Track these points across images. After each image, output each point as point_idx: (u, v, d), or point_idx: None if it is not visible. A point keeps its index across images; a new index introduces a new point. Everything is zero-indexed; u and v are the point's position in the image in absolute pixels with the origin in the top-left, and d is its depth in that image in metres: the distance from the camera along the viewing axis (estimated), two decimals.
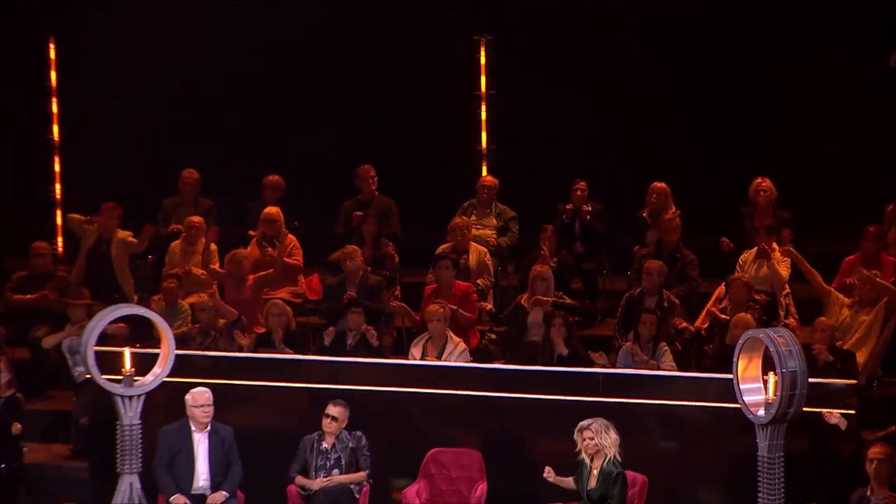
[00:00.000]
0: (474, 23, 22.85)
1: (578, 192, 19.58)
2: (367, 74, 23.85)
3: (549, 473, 15.93)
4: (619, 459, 15.64)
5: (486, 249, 19.59)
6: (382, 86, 23.59)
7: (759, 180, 19.43)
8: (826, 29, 22.37)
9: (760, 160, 20.65)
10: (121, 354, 15.84)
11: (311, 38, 23.57)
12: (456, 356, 17.85)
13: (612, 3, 22.38)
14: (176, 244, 19.47)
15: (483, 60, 22.79)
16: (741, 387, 14.52)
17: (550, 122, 21.64)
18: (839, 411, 15.30)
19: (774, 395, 14.21)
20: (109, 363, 15.84)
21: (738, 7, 22.94)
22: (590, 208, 19.15)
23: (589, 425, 15.66)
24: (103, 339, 16.64)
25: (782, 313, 17.57)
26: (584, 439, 15.62)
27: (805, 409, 14.66)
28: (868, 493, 14.89)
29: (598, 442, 15.63)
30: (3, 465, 16.36)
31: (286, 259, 20.13)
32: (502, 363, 18.66)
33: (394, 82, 23.50)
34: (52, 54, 22.96)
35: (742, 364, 14.65)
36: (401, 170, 21.37)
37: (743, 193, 19.77)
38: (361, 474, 16.37)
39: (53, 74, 22.60)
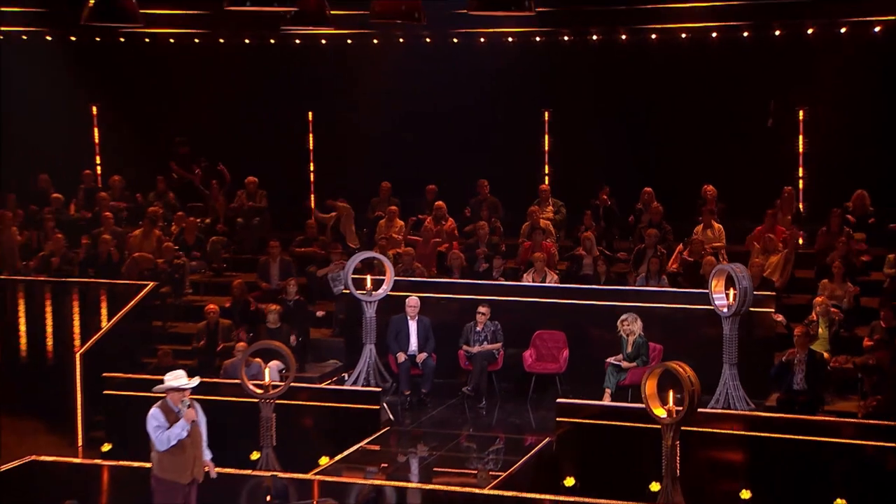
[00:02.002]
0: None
1: (604, 195, 19.10)
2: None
3: (610, 359, 15.71)
4: (643, 336, 15.59)
5: (550, 223, 19.09)
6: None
7: (707, 186, 18.79)
8: None
9: (703, 168, 19.44)
10: (364, 280, 16.33)
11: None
12: (550, 281, 17.37)
13: None
14: (382, 222, 19.21)
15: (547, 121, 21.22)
16: (714, 296, 14.77)
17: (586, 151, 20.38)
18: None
19: (734, 300, 14.49)
20: (357, 284, 16.21)
21: None
22: (609, 202, 18.97)
23: (625, 318, 15.67)
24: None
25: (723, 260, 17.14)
26: (624, 324, 15.62)
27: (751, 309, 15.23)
28: (793, 352, 14.59)
29: (630, 327, 15.61)
30: (300, 338, 16.34)
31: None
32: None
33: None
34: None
35: (713, 283, 14.84)
36: (499, 179, 20.21)
37: (697, 191, 18.98)
38: (498, 344, 16.10)
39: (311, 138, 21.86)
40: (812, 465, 13.08)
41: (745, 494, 12.74)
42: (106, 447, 15.06)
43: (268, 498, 11.51)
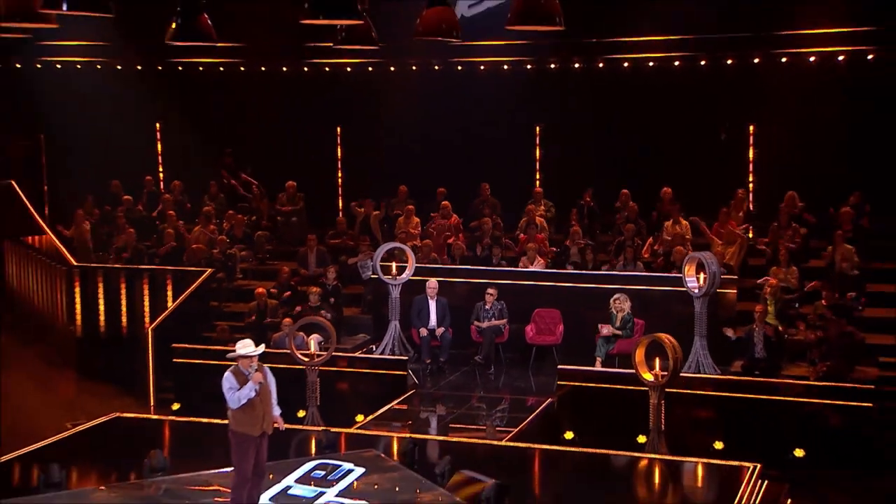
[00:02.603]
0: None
1: (588, 196, 18.80)
2: None
3: (601, 328, 15.65)
4: (630, 313, 15.58)
5: (543, 220, 18.80)
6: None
7: (665, 188, 18.71)
8: None
9: (669, 174, 19.24)
10: (390, 267, 16.48)
11: None
12: (538, 266, 17.23)
13: None
14: (401, 219, 19.14)
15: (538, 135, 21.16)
16: (686, 279, 14.75)
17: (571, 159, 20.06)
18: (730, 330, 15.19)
19: (704, 283, 14.73)
20: (384, 270, 16.35)
21: None
22: (591, 202, 18.76)
23: (618, 297, 15.67)
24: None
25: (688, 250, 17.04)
26: (616, 302, 15.60)
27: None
28: (753, 326, 14.68)
29: (622, 304, 15.61)
30: (329, 315, 15.86)
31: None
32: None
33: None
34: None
35: (686, 269, 14.79)
36: (499, 183, 19.95)
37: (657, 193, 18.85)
38: (504, 320, 16.12)
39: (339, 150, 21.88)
40: (774, 421, 13.18)
41: (718, 445, 12.79)
42: (175, 406, 15.21)
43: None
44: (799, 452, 12.73)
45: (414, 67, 20.47)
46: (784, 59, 18.53)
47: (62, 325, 18.18)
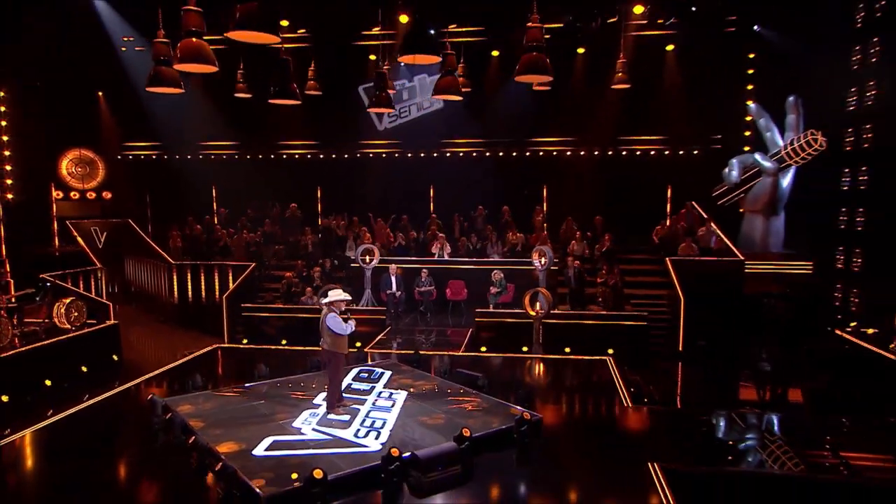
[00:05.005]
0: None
1: (479, 213, 18.31)
2: None
3: (490, 289, 15.28)
4: (503, 280, 15.40)
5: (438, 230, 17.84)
6: None
7: (504, 207, 18.25)
8: None
9: (506, 202, 18.59)
10: (365, 259, 16.14)
11: None
12: (445, 253, 16.89)
13: None
14: (367, 235, 17.86)
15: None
16: (534, 261, 14.63)
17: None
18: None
19: (544, 264, 14.57)
20: (362, 260, 16.05)
21: None
22: (483, 215, 18.36)
23: (496, 272, 15.41)
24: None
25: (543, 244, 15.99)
26: (495, 275, 15.34)
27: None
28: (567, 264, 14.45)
29: (499, 276, 15.35)
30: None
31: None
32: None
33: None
34: None
35: (534, 255, 14.73)
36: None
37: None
38: (433, 287, 16.00)
39: None
40: (591, 334, 13.42)
41: (567, 349, 13.02)
42: (244, 341, 14.63)
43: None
44: (610, 350, 12.99)
45: (410, 155, 19.58)
46: (553, 152, 18.91)
47: (165, 298, 17.85)
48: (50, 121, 18.38)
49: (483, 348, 13.17)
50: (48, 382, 11.02)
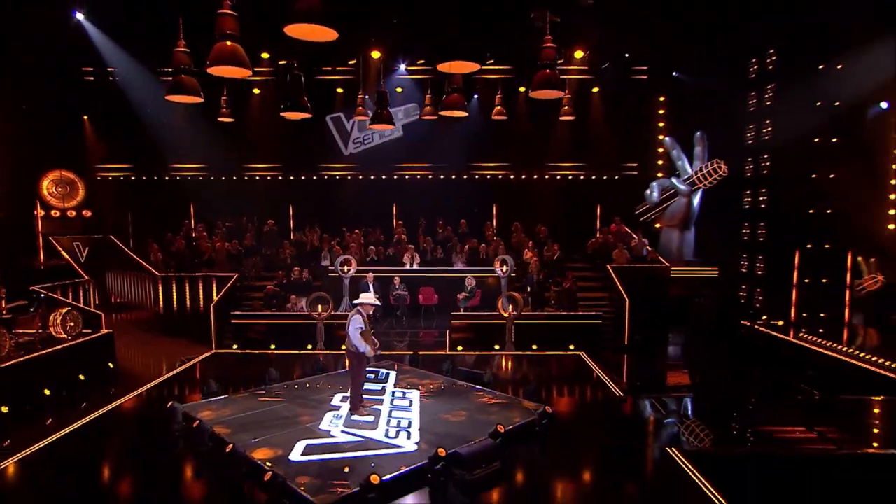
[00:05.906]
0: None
1: (439, 227, 17.78)
2: None
3: (460, 295, 14.88)
4: (474, 286, 14.96)
5: (406, 239, 17.39)
6: None
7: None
8: None
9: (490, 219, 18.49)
10: (344, 267, 15.02)
11: None
12: (415, 262, 16.30)
13: None
14: (333, 241, 17.17)
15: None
16: (496, 269, 13.88)
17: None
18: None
19: (505, 272, 13.78)
20: (342, 269, 14.80)
21: None
22: (446, 231, 17.85)
23: (468, 278, 15.08)
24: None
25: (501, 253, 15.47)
26: (467, 281, 15.03)
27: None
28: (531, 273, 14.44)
29: (470, 282, 14.98)
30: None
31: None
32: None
33: None
34: None
35: (496, 264, 13.93)
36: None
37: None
38: (407, 293, 15.29)
39: None
40: (557, 331, 13.25)
41: (534, 346, 12.77)
42: (234, 346, 13.62)
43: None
44: (571, 347, 12.65)
45: (383, 176, 19.08)
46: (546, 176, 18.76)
47: (150, 308, 16.73)
48: (31, 143, 16.90)
49: (459, 347, 12.84)
50: (47, 392, 10.14)
